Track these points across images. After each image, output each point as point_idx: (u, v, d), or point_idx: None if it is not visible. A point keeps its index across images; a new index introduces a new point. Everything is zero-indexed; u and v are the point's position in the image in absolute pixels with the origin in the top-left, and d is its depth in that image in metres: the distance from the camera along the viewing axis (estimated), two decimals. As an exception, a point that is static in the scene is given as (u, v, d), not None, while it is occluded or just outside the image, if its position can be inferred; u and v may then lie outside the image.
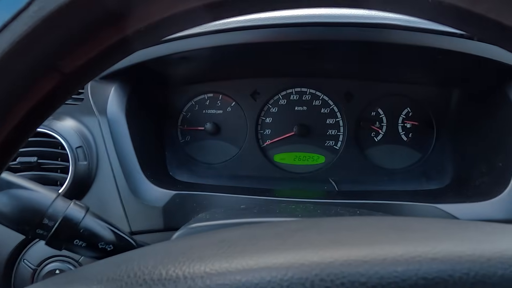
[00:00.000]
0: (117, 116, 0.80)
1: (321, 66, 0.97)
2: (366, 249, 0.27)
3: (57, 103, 0.36)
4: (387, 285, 0.24)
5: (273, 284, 0.25)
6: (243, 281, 0.26)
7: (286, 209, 0.62)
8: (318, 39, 0.72)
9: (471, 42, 0.72)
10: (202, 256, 0.30)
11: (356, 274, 0.25)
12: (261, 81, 1.03)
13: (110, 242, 0.52)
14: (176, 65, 0.90)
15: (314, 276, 0.25)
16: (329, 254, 0.27)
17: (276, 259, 0.27)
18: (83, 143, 0.75)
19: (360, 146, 1.03)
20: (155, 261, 0.30)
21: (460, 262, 0.25)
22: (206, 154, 1.06)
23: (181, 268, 0.28)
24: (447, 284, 0.24)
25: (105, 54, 0.33)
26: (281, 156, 1.06)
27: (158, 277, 0.28)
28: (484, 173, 0.79)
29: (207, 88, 1.05)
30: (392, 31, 0.70)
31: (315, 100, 1.04)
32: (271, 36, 0.71)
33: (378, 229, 0.32)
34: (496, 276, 0.25)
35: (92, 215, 0.52)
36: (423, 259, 0.26)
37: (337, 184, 0.97)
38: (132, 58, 0.82)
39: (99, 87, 0.85)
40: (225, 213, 0.60)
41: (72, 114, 0.79)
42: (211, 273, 0.27)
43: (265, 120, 1.06)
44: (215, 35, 0.74)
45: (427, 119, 1.00)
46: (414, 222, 0.34)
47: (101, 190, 0.76)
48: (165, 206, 0.76)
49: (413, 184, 0.94)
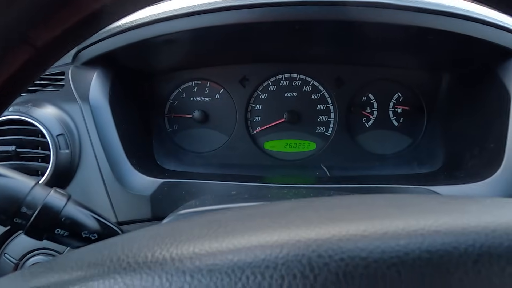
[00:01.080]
0: (100, 102, 0.77)
1: (311, 50, 0.95)
2: (365, 224, 0.25)
3: (31, 78, 0.33)
4: (389, 260, 0.23)
5: (267, 262, 0.23)
6: (235, 261, 0.24)
7: (278, 194, 0.61)
8: (306, 18, 0.69)
9: (461, 21, 0.71)
10: (190, 237, 0.28)
11: (356, 249, 0.23)
12: (250, 67, 1.01)
13: (94, 231, 0.50)
14: (160, 50, 0.87)
15: (311, 253, 0.23)
16: (326, 230, 0.25)
17: (270, 237, 0.25)
18: (65, 131, 0.71)
19: (351, 132, 1.02)
20: (140, 244, 0.28)
21: (464, 234, 0.24)
22: (194, 143, 1.03)
23: (168, 250, 0.27)
24: (452, 256, 0.23)
25: (80, 25, 0.31)
26: (272, 143, 1.04)
27: (143, 260, 0.26)
28: (475, 155, 0.79)
29: (194, 75, 1.02)
30: (382, 10, 0.68)
31: (305, 86, 1.03)
32: (258, 16, 0.69)
33: (377, 205, 0.30)
34: (502, 247, 0.23)
35: (74, 203, 0.50)
36: (426, 232, 0.24)
37: (329, 170, 0.96)
38: (114, 42, 0.79)
39: (81, 73, 0.81)
40: (215, 199, 0.58)
41: (52, 101, 0.76)
42: (201, 254, 0.25)
43: (254, 107, 1.03)
44: (199, 16, 0.71)
45: (417, 103, 1.00)
46: (413, 198, 0.33)
47: (85, 179, 0.73)
48: (152, 194, 0.74)
49: (405, 169, 0.94)
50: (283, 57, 1.00)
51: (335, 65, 1.00)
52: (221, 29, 0.75)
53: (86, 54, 0.82)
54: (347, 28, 0.77)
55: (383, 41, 0.84)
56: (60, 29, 0.31)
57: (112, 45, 0.79)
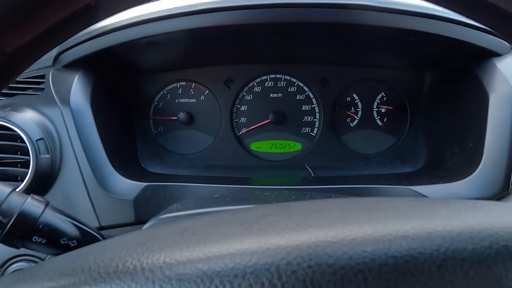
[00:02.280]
0: (81, 106, 0.76)
1: (295, 51, 0.95)
2: (334, 230, 0.26)
3: (2, 83, 0.33)
4: (356, 266, 0.23)
5: (236, 271, 0.23)
6: (204, 270, 0.24)
7: (261, 196, 0.61)
8: (290, 21, 0.70)
9: (441, 23, 0.72)
10: (163, 245, 0.28)
11: (324, 256, 0.24)
12: (234, 68, 1.01)
13: (74, 238, 0.49)
14: (144, 52, 0.86)
15: (280, 260, 0.24)
16: (295, 237, 0.25)
17: (240, 245, 0.25)
18: (45, 135, 0.70)
19: (336, 132, 1.02)
20: (112, 253, 0.28)
21: (430, 239, 0.25)
22: (179, 145, 1.03)
23: (139, 260, 0.27)
24: (417, 261, 0.24)
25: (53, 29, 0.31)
26: (257, 144, 1.04)
27: (114, 270, 0.26)
28: (456, 154, 0.80)
29: (179, 76, 1.01)
30: (363, 12, 0.69)
31: (290, 87, 1.03)
32: (240, 18, 0.69)
33: (348, 210, 0.31)
34: (466, 251, 0.24)
35: (52, 209, 0.49)
36: (393, 237, 0.25)
37: (314, 170, 0.97)
38: (96, 44, 0.78)
39: (61, 76, 0.80)
40: (197, 202, 0.58)
41: (32, 104, 0.74)
42: (171, 263, 0.25)
43: (240, 108, 1.03)
44: (182, 18, 0.70)
45: (401, 103, 1.01)
46: (384, 202, 0.33)
47: (66, 184, 0.71)
48: (135, 198, 0.73)
49: (388, 168, 0.95)
50: (268, 58, 1.00)
51: (320, 66, 1.00)
52: (204, 31, 0.74)
53: (67, 56, 0.81)
54: (329, 30, 0.77)
55: (366, 42, 0.85)
56: (30, 35, 0.30)
57: (94, 47, 0.78)
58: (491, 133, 0.69)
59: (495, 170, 0.68)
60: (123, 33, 0.75)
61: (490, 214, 0.28)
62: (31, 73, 0.81)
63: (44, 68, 0.83)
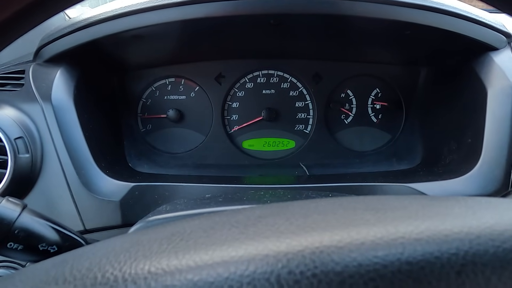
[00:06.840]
0: (63, 102, 0.72)
1: (289, 46, 0.92)
2: (340, 234, 0.23)
3: None
4: (367, 274, 0.20)
5: (231, 281, 0.21)
6: (195, 281, 0.21)
7: (254, 196, 0.58)
8: (284, 12, 0.67)
9: (439, 15, 0.70)
10: (148, 253, 0.25)
11: (330, 263, 0.21)
12: (226, 64, 0.98)
13: (53, 243, 0.46)
14: (130, 45, 0.83)
15: (280, 269, 0.21)
16: (297, 241, 0.23)
17: (235, 252, 0.23)
18: (24, 134, 0.66)
19: (330, 129, 1.00)
20: (91, 262, 0.25)
21: (447, 242, 0.22)
22: (169, 143, 0.99)
23: (121, 269, 0.23)
24: (433, 267, 0.21)
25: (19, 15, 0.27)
26: (250, 142, 1.01)
27: (91, 283, 0.23)
28: (453, 151, 0.79)
29: (168, 72, 0.98)
30: (359, 4, 0.66)
31: (283, 83, 1.00)
32: (231, 9, 0.66)
33: (353, 210, 0.28)
34: (487, 255, 0.21)
35: (29, 212, 0.45)
36: (406, 240, 0.22)
37: (308, 168, 0.94)
38: (79, 37, 0.74)
39: (42, 71, 0.75)
40: (188, 203, 0.55)
41: (10, 101, 0.70)
42: (157, 273, 0.22)
43: (231, 105, 1.00)
44: (170, 9, 0.67)
45: (396, 99, 0.99)
46: (392, 201, 0.30)
47: (48, 185, 0.67)
48: (122, 199, 0.70)
49: (384, 166, 0.93)
50: (260, 53, 0.97)
51: (313, 61, 0.98)
52: (194, 23, 0.71)
53: (49, 50, 0.77)
54: (324, 22, 0.75)
55: (360, 36, 0.82)
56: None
57: (78, 40, 0.74)
58: (490, 128, 0.68)
59: (495, 166, 0.66)
60: (108, 25, 0.71)
61: (509, 213, 0.25)
62: (10, 68, 0.77)
63: (24, 63, 0.78)
